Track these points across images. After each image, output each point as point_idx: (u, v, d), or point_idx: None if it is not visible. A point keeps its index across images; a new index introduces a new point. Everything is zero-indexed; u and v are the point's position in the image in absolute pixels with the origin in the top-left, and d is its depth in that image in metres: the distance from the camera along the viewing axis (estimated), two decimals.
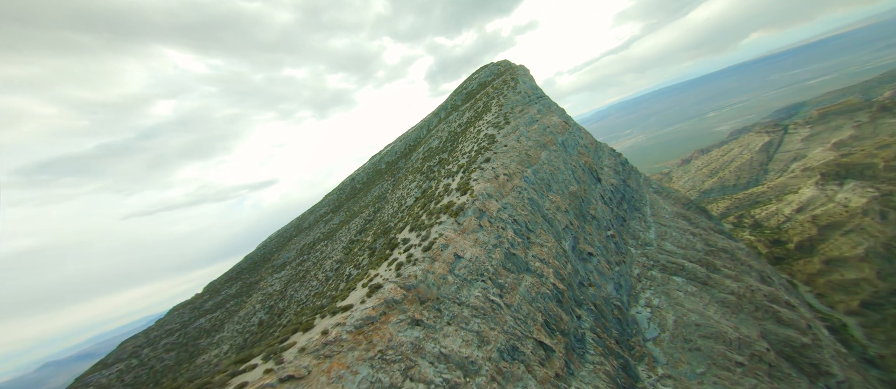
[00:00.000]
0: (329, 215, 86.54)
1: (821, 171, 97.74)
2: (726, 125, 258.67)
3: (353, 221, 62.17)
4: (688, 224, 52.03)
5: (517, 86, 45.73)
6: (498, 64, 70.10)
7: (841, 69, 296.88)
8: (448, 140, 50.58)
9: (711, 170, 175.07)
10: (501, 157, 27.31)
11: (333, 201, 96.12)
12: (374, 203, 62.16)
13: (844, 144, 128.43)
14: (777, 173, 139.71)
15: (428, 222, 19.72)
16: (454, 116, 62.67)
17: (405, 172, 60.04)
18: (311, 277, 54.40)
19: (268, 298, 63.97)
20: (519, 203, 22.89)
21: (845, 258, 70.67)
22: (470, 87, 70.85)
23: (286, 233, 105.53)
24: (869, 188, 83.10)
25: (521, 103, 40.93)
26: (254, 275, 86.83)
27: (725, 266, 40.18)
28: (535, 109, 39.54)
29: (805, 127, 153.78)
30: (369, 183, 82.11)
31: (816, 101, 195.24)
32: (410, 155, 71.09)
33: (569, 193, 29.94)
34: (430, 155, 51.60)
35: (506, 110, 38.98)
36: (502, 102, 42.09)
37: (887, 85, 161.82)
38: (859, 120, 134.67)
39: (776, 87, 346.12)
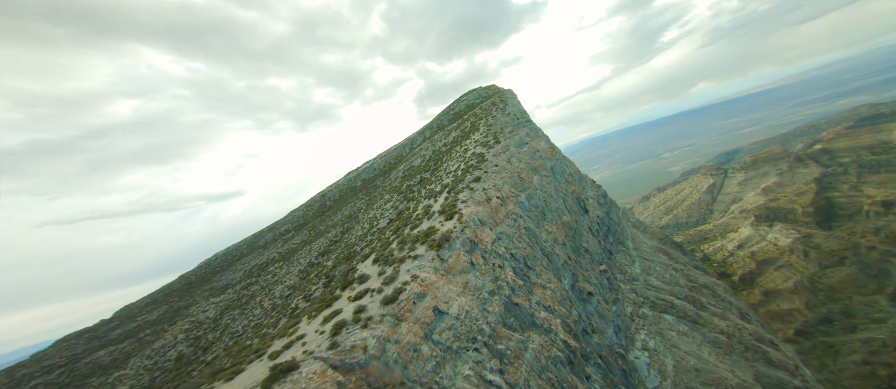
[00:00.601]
0: (290, 233, 77.64)
1: (755, 213, 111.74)
2: (678, 166, 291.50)
3: (317, 241, 55.47)
4: (668, 259, 52.42)
5: (506, 108, 44.46)
6: (486, 88, 70.39)
7: (765, 122, 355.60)
8: (432, 159, 47.42)
9: (667, 207, 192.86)
10: (493, 177, 24.02)
11: (298, 217, 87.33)
12: (344, 223, 56.31)
13: (771, 189, 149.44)
14: (720, 213, 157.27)
15: (398, 253, 14.94)
16: (440, 135, 60.44)
17: (382, 190, 55.65)
18: (254, 304, 46.26)
19: (196, 327, 53.23)
20: (515, 233, 19.35)
21: (779, 290, 79.17)
22: (458, 108, 70.18)
23: (237, 251, 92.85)
24: (792, 230, 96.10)
25: (511, 125, 39.21)
26: (185, 298, 73.35)
27: (711, 303, 40.22)
28: (523, 132, 37.94)
29: (740, 172, 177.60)
30: (341, 201, 75.89)
31: (748, 148, 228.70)
32: (389, 173, 66.95)
33: (562, 223, 27.29)
34: (411, 174, 47.85)
35: (495, 130, 36.90)
36: (491, 123, 40.15)
37: (800, 138, 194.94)
38: (781, 169, 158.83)
39: (718, 133, 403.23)
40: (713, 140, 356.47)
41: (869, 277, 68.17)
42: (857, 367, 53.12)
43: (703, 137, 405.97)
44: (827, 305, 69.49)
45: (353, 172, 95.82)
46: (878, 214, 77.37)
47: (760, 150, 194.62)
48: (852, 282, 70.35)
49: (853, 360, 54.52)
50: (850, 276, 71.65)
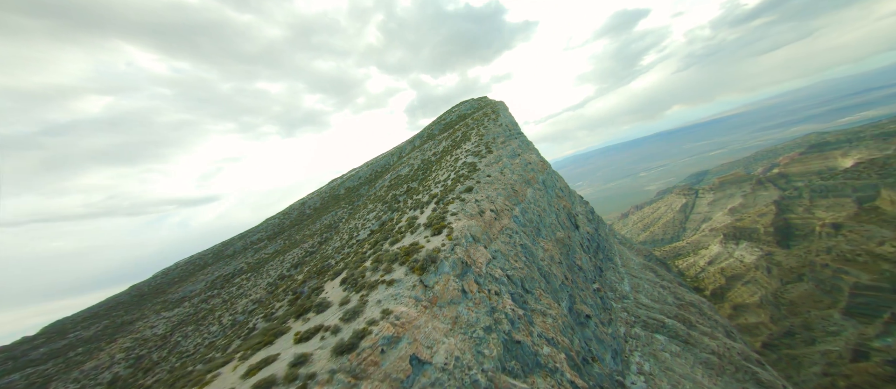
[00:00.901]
0: (263, 242, 72.09)
1: (723, 232, 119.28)
2: (654, 185, 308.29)
3: (291, 252, 51.31)
4: (655, 276, 52.40)
5: (498, 119, 43.69)
6: (478, 99, 70.13)
7: (730, 145, 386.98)
8: (420, 168, 45.51)
9: (644, 224, 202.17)
10: (486, 188, 22.30)
11: (274, 226, 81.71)
12: (323, 233, 52.67)
13: (736, 210, 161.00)
14: (692, 231, 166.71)
15: (371, 275, 12.37)
16: (429, 144, 58.81)
17: (366, 200, 52.68)
18: (212, 320, 41.38)
19: (140, 344, 46.83)
20: (511, 251, 17.25)
21: (747, 304, 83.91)
22: (449, 118, 68.85)
23: (201, 260, 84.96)
24: (756, 248, 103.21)
25: (503, 135, 38.23)
26: (131, 312, 65.12)
27: (699, 322, 40.04)
28: (516, 144, 37.06)
29: (710, 193, 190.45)
30: (322, 209, 71.84)
31: (716, 170, 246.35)
32: (375, 182, 63.96)
33: (556, 239, 25.66)
34: (398, 183, 45.69)
35: (487, 140, 35.72)
36: (483, 133, 39.01)
37: (760, 162, 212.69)
38: (745, 191, 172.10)
39: (689, 154, 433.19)
40: (685, 161, 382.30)
41: (824, 292, 73.35)
42: (818, 379, 56.09)
43: (677, 158, 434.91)
44: (789, 319, 73.88)
45: (336, 179, 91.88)
46: (829, 235, 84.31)
47: (727, 172, 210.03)
48: (810, 297, 75.45)
49: (814, 372, 57.55)
50: (808, 291, 76.89)
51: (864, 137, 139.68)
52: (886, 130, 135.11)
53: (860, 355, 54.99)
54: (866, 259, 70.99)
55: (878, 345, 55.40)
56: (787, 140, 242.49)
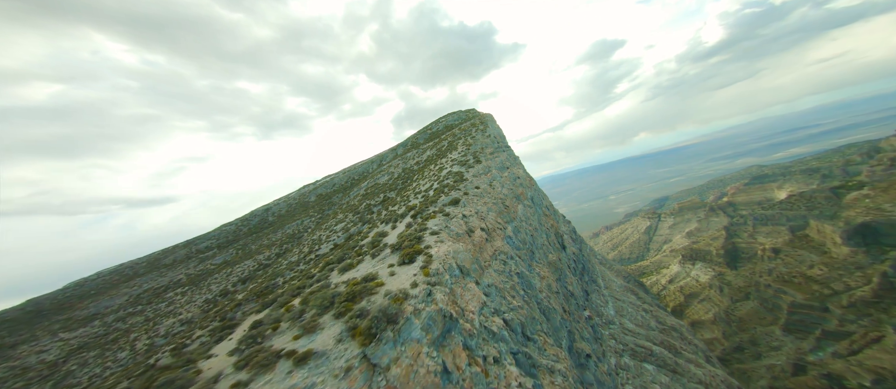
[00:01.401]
0: (212, 250, 64.66)
1: (682, 253, 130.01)
2: (622, 208, 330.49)
3: (243, 264, 45.47)
4: (636, 299, 51.06)
5: (487, 129, 42.13)
6: (466, 111, 69.14)
7: (687, 173, 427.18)
8: (400, 177, 42.12)
9: (613, 244, 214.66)
10: (475, 202, 19.18)
11: (228, 233, 73.94)
12: (283, 243, 47.55)
13: (693, 233, 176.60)
14: (655, 252, 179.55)
15: (280, 339, 7.38)
16: (413, 153, 55.73)
17: (337, 209, 48.00)
18: (125, 343, 33.47)
19: (19, 374, 36.67)
20: (507, 284, 13.95)
21: (702, 321, 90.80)
22: (435, 128, 66.63)
23: (131, 269, 73.91)
24: (710, 269, 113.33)
25: (491, 146, 36.33)
26: (16, 333, 52.78)
27: (683, 348, 39.55)
28: (504, 156, 35.31)
29: (670, 217, 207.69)
30: (287, 217, 66.47)
31: (675, 196, 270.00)
32: (350, 190, 59.29)
33: (548, 262, 22.94)
34: (375, 192, 42.02)
35: (475, 150, 33.50)
36: (470, 142, 36.83)
37: (712, 190, 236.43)
38: (700, 216, 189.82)
39: (652, 180, 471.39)
40: (649, 186, 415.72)
41: (767, 310, 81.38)
42: None
43: (642, 183, 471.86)
44: (738, 335, 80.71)
45: (308, 185, 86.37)
46: (769, 258, 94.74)
47: (684, 198, 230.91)
48: (755, 314, 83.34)
49: (761, 386, 62.84)
50: (754, 309, 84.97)
51: (795, 171, 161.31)
52: (811, 166, 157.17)
53: (799, 369, 61.10)
54: (800, 281, 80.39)
55: (812, 359, 62.04)
56: (734, 171, 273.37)
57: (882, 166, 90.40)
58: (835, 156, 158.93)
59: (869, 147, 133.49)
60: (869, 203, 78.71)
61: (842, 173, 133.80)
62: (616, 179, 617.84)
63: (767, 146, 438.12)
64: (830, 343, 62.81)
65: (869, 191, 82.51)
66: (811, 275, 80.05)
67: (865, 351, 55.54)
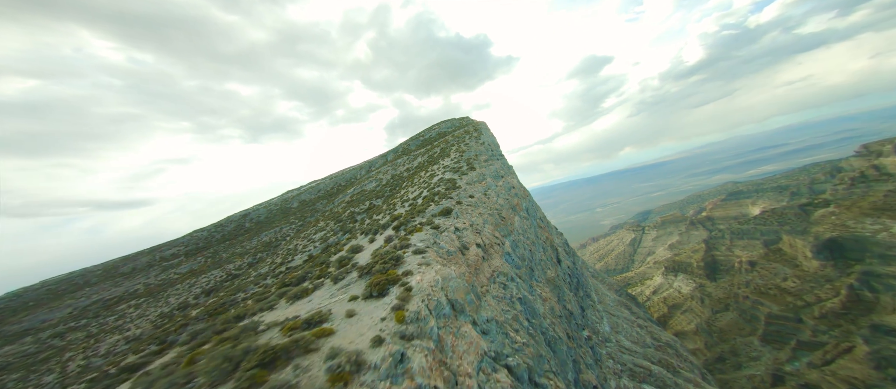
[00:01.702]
0: (179, 258, 60.31)
1: (664, 265, 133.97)
2: (608, 220, 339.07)
3: (210, 273, 42.02)
4: (630, 314, 49.62)
5: (481, 137, 40.86)
6: (459, 119, 68.25)
7: (668, 188, 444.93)
8: (389, 184, 40.16)
9: (599, 255, 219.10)
10: (469, 212, 17.14)
11: (200, 239, 69.20)
12: (257, 252, 44.04)
13: (675, 246, 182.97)
14: (639, 263, 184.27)
15: None
16: (404, 159, 53.94)
17: (320, 216, 45.42)
18: (55, 365, 29.00)
19: None
20: (508, 314, 11.61)
21: (685, 331, 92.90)
22: (428, 135, 64.99)
23: (82, 278, 67.50)
24: (691, 280, 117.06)
25: (486, 154, 34.81)
26: None
27: (681, 367, 38.10)
28: (498, 164, 33.83)
29: (654, 230, 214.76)
30: (266, 223, 63.12)
31: (657, 210, 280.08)
32: (336, 196, 56.74)
33: (547, 280, 21.30)
34: (360, 199, 39.76)
35: (469, 156, 31.93)
36: (463, 149, 35.24)
37: (692, 205, 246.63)
38: (681, 230, 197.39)
39: (636, 194, 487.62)
40: (633, 200, 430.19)
41: (745, 321, 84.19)
42: None
43: (627, 197, 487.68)
44: (719, 345, 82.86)
45: (292, 191, 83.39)
46: (746, 270, 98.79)
47: (666, 213, 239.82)
48: (735, 325, 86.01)
49: None
50: (733, 320, 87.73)
51: (766, 189, 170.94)
52: (780, 184, 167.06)
53: (777, 379, 63.04)
54: (775, 292, 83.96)
55: (789, 369, 64.23)
56: (711, 187, 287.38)
57: (844, 185, 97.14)
58: (801, 174, 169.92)
59: (831, 167, 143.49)
60: (835, 220, 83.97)
61: (809, 190, 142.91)
62: (602, 192, 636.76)
63: (741, 164, 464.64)
64: (805, 352, 65.40)
65: (834, 208, 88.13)
66: (785, 287, 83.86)
67: (838, 361, 58.08)
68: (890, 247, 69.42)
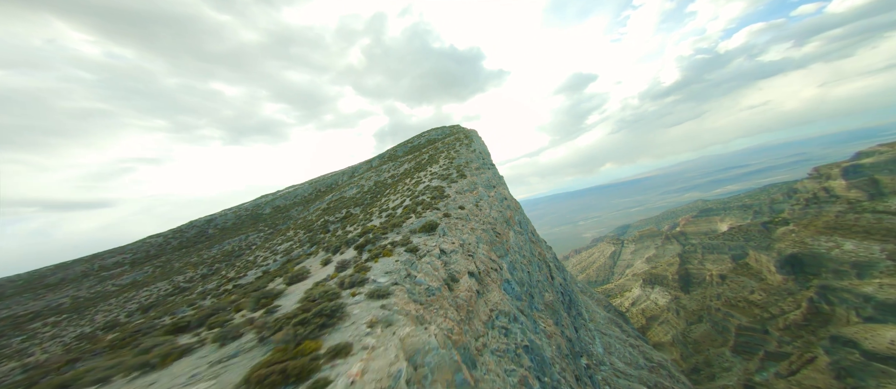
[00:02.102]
0: (123, 267, 53.95)
1: (642, 277, 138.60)
2: (589, 233, 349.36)
3: (155, 285, 37.48)
4: (621, 332, 47.86)
5: (472, 144, 38.68)
6: (450, 127, 66.22)
7: (645, 204, 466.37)
8: (370, 191, 37.40)
9: (581, 268, 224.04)
10: (459, 227, 14.03)
11: (152, 246, 61.92)
12: (215, 263, 38.49)
13: (651, 259, 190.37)
14: (619, 275, 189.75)
15: None
16: (389, 165, 51.41)
17: (291, 224, 41.80)
18: None
19: None
20: (514, 375, 8.31)
21: (662, 343, 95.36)
22: (417, 142, 62.48)
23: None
24: (667, 293, 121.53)
25: (477, 161, 32.53)
26: None
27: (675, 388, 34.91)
28: (490, 174, 31.60)
29: (632, 243, 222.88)
30: (231, 230, 58.04)
31: (635, 225, 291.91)
32: (313, 202, 53.29)
33: (546, 304, 18.69)
34: (338, 206, 36.65)
35: (459, 163, 29.32)
36: (453, 156, 32.76)
37: (666, 220, 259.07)
38: (657, 244, 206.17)
39: (616, 209, 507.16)
40: (613, 214, 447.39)
41: (718, 332, 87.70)
42: None
43: (607, 211, 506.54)
44: (694, 356, 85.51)
45: (267, 195, 78.66)
46: (717, 283, 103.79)
47: (643, 227, 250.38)
48: (708, 336, 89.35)
49: None
50: (707, 332, 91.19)
51: (732, 207, 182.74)
52: (745, 202, 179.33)
53: None
54: (744, 305, 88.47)
55: (758, 380, 66.96)
56: (683, 204, 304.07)
57: (799, 205, 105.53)
58: (762, 194, 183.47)
59: (787, 188, 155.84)
60: (794, 237, 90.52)
61: (769, 209, 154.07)
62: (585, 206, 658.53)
63: (709, 182, 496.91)
64: (773, 363, 68.67)
65: (794, 227, 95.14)
66: (752, 300, 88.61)
67: (802, 371, 61.31)
68: (842, 263, 75.40)
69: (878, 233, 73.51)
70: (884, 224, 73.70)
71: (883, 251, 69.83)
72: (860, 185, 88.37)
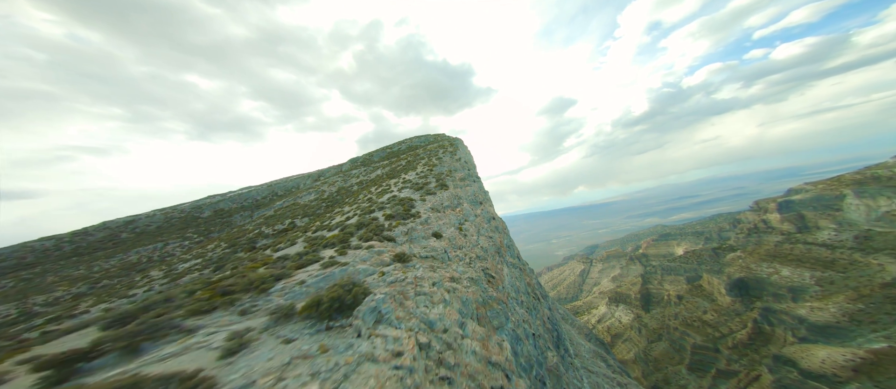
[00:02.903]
0: None
1: (608, 295, 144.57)
2: (561, 251, 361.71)
3: (21, 301, 26.84)
4: (606, 366, 44.55)
5: (457, 152, 34.69)
6: (434, 135, 62.04)
7: (612, 226, 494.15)
8: (329, 198, 32.33)
9: (553, 284, 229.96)
10: (433, 269, 7.96)
11: (34, 252, 49.58)
12: (107, 277, 32.48)
13: (617, 278, 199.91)
14: (587, 293, 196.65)
15: None
16: (361, 171, 46.18)
17: (226, 233, 36.67)
18: None
19: None
20: None
21: (625, 360, 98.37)
22: (397, 148, 57.82)
23: None
24: (630, 311, 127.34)
25: (462, 172, 27.91)
26: None
27: None
28: (476, 187, 27.17)
29: (600, 263, 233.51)
30: (153, 234, 49.49)
31: (603, 245, 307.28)
32: (263, 207, 46.63)
33: (549, 370, 13.20)
34: (285, 215, 31.71)
35: (441, 171, 24.73)
36: (434, 164, 28.43)
37: (630, 242, 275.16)
38: (622, 264, 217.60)
39: (586, 229, 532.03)
40: (583, 234, 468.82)
41: (675, 351, 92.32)
42: None
43: (578, 231, 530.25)
44: (655, 374, 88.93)
45: (214, 197, 69.58)
46: (675, 303, 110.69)
47: (610, 248, 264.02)
48: (667, 355, 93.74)
49: None
50: (665, 350, 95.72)
51: (687, 233, 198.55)
52: (697, 229, 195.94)
53: None
54: (698, 324, 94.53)
55: None
56: (645, 228, 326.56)
57: (743, 234, 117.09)
58: (711, 223, 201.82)
59: (732, 219, 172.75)
60: (741, 263, 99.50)
61: (718, 236, 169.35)
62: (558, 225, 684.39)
63: (666, 209, 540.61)
64: (723, 381, 73.09)
65: (741, 253, 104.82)
66: (705, 319, 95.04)
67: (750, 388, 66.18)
68: (780, 287, 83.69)
69: (809, 261, 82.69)
70: (813, 254, 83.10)
71: (812, 277, 78.40)
72: (791, 218, 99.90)
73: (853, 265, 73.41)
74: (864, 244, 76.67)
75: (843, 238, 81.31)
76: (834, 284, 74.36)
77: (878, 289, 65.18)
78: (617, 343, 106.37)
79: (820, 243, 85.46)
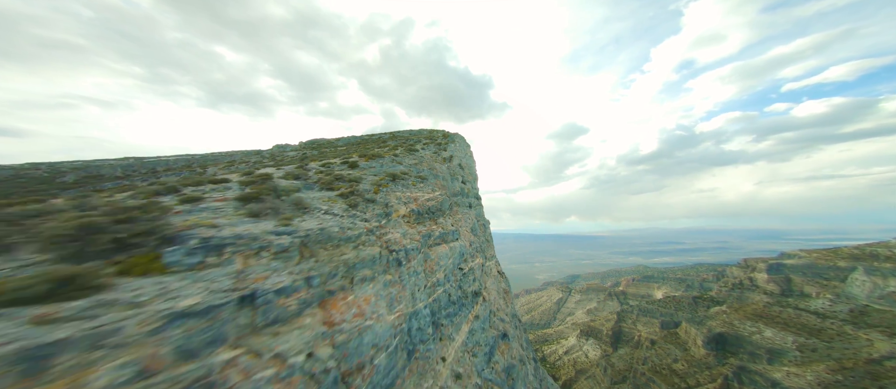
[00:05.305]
0: None
1: (580, 328, 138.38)
2: (542, 276, 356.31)
3: None
4: None
5: (456, 145, 30.58)
6: (434, 130, 54.08)
7: (595, 259, 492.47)
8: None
9: (529, 308, 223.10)
10: None
11: None
12: None
13: (592, 312, 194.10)
14: (560, 322, 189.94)
15: None
16: (326, 150, 42.81)
17: None
18: None
19: None
20: None
21: None
22: (385, 137, 55.29)
23: None
24: (598, 347, 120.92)
25: (458, 167, 22.96)
26: None
27: None
28: (474, 214, 22.59)
29: (578, 294, 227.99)
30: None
31: (584, 276, 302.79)
32: None
33: None
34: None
35: (425, 156, 19.81)
36: (423, 156, 22.76)
37: (610, 278, 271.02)
38: (600, 298, 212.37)
39: (570, 258, 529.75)
40: (567, 263, 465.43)
41: None
42: None
43: (562, 259, 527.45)
44: None
45: (127, 158, 56.79)
46: (647, 347, 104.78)
47: (590, 280, 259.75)
48: None
49: None
50: None
51: (669, 277, 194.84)
52: (679, 276, 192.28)
53: None
54: (667, 373, 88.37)
55: None
56: (627, 266, 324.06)
57: (727, 287, 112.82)
58: (693, 271, 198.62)
59: (715, 270, 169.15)
60: (725, 318, 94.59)
61: (699, 286, 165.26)
62: (544, 249, 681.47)
63: (651, 251, 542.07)
64: None
65: (726, 308, 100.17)
66: (675, 368, 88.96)
67: None
68: (759, 348, 78.58)
69: (795, 326, 77.99)
70: (801, 320, 78.59)
71: (794, 342, 73.46)
72: (778, 280, 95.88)
73: (841, 336, 68.64)
74: (858, 318, 72.35)
75: (838, 309, 76.82)
76: (816, 352, 69.25)
77: (862, 364, 60.16)
78: (580, 378, 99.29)
79: (812, 310, 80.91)
